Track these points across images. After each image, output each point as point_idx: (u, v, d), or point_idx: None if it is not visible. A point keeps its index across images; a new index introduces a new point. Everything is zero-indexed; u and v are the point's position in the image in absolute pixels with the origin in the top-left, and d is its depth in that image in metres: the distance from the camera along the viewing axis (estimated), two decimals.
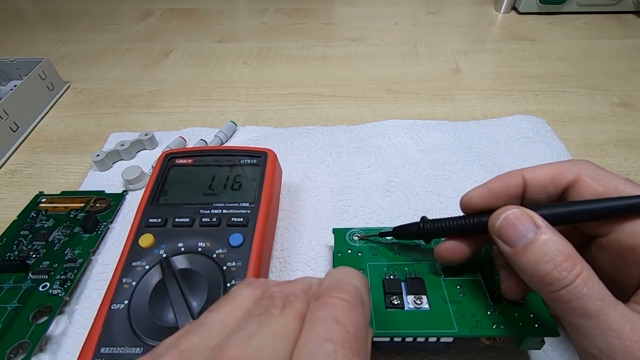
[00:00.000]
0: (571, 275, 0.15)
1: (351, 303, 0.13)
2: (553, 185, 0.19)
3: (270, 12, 0.66)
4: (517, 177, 0.20)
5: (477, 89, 0.46)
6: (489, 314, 0.20)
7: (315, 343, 0.11)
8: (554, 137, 0.37)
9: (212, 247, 0.23)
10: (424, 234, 0.22)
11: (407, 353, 0.23)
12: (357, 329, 0.12)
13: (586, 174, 0.19)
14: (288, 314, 0.13)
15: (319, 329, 0.12)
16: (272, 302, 0.13)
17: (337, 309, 0.12)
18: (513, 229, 0.17)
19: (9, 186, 0.35)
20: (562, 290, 0.15)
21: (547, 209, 0.18)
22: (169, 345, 0.12)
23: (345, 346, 0.11)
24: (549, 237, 0.16)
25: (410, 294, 0.21)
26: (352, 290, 0.13)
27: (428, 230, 0.22)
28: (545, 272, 0.15)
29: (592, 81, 0.46)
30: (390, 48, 0.55)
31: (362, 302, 0.13)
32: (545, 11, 0.62)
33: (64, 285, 0.25)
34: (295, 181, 0.34)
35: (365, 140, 0.37)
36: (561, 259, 0.15)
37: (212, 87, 0.47)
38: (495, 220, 0.18)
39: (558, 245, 0.16)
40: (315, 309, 0.13)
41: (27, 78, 0.41)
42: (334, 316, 0.12)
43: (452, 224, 0.21)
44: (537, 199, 0.20)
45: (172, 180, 0.27)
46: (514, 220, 0.17)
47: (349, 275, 0.15)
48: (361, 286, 0.14)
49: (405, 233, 0.23)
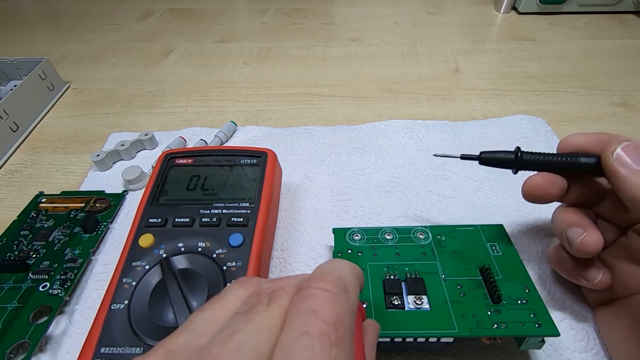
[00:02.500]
0: None
1: (331, 292, 0.12)
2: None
3: (270, 12, 0.66)
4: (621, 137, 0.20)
5: (477, 89, 0.46)
6: (489, 314, 0.20)
7: (293, 337, 0.11)
8: (554, 137, 0.37)
9: (212, 247, 0.23)
10: (520, 163, 0.21)
11: (408, 353, 0.23)
12: (336, 319, 0.12)
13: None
14: (273, 309, 0.13)
15: (297, 323, 0.12)
16: (258, 299, 0.13)
17: (316, 300, 0.12)
18: (635, 152, 0.18)
19: (9, 186, 0.35)
20: None
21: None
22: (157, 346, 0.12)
23: (323, 338, 0.11)
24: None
25: (411, 294, 0.21)
26: (334, 279, 0.13)
27: (525, 160, 0.21)
28: None
29: (592, 81, 0.46)
30: (390, 48, 0.55)
31: (344, 289, 0.13)
32: (545, 11, 0.62)
33: (64, 285, 0.25)
34: (295, 181, 0.34)
35: (365, 140, 0.37)
36: None
37: (212, 87, 0.47)
38: (616, 145, 0.19)
39: None
40: (296, 302, 0.13)
41: (27, 78, 0.41)
42: (312, 308, 0.12)
43: (553, 158, 0.21)
44: None
45: (172, 180, 0.27)
46: (636, 146, 0.18)
47: (333, 265, 0.14)
48: (347, 274, 0.14)
49: (495, 159, 0.22)
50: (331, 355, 0.11)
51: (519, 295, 0.21)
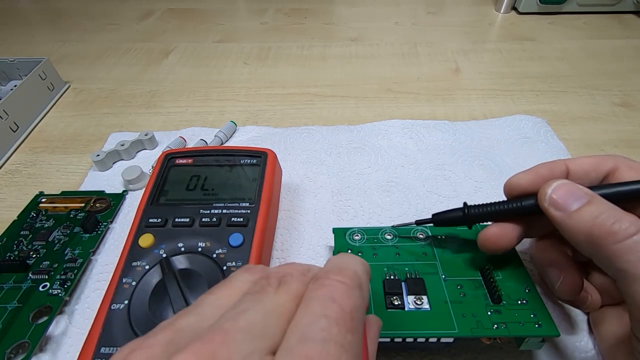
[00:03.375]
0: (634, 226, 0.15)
1: (348, 285, 0.13)
2: (595, 172, 0.20)
3: (270, 12, 0.66)
4: (561, 165, 0.21)
5: (477, 89, 0.46)
6: (489, 314, 0.20)
7: (310, 319, 0.12)
8: (554, 137, 0.37)
9: (212, 247, 0.23)
10: (468, 219, 0.21)
11: (408, 353, 0.23)
12: (353, 309, 0.12)
13: (623, 164, 0.20)
14: (283, 293, 0.13)
15: (315, 306, 0.12)
16: (267, 281, 0.13)
17: (335, 290, 0.13)
18: (566, 193, 0.18)
19: (9, 186, 0.34)
20: (629, 240, 0.15)
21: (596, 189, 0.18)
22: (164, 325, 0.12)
23: (340, 323, 0.11)
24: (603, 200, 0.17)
25: (411, 294, 0.21)
26: (351, 274, 0.13)
27: (472, 215, 0.21)
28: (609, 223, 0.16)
29: (592, 81, 0.46)
30: (390, 48, 0.55)
31: (360, 285, 0.13)
32: (545, 11, 0.62)
33: (64, 285, 0.25)
34: (295, 181, 0.34)
35: (365, 140, 0.37)
36: (621, 214, 0.16)
37: (212, 87, 0.47)
38: (547, 189, 0.19)
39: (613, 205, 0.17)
40: (313, 289, 0.13)
41: (27, 78, 0.41)
42: (330, 296, 0.12)
43: (498, 207, 0.21)
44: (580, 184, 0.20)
45: (172, 180, 0.27)
46: (567, 186, 0.18)
47: (349, 261, 0.15)
48: (361, 271, 0.14)
49: (446, 219, 0.23)
50: (346, 339, 0.11)
51: (519, 296, 0.21)
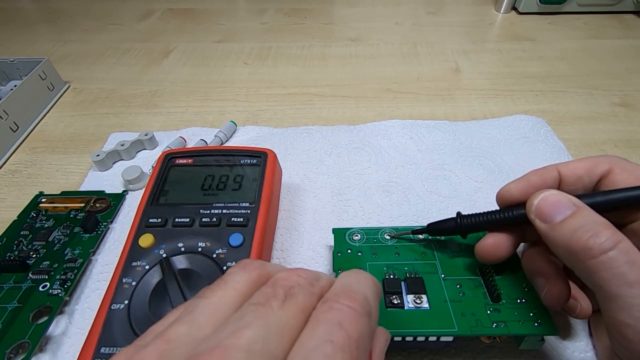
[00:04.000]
0: (610, 241, 0.15)
1: (358, 312, 0.13)
2: (588, 176, 0.20)
3: (270, 12, 0.66)
4: (553, 171, 0.20)
5: (477, 89, 0.46)
6: (488, 313, 0.20)
7: (316, 342, 0.11)
8: (554, 137, 0.37)
9: (212, 247, 0.23)
10: (462, 229, 0.22)
11: (407, 353, 0.23)
12: (359, 337, 0.12)
13: (617, 166, 0.19)
14: (288, 309, 0.12)
15: (321, 330, 0.12)
16: (274, 291, 0.13)
17: (343, 315, 0.12)
18: (551, 205, 0.17)
19: (9, 186, 0.35)
20: (603, 255, 0.15)
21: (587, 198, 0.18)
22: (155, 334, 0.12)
23: (345, 350, 0.11)
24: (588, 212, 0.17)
25: (410, 293, 0.21)
26: (361, 299, 0.13)
27: (465, 225, 0.21)
28: (585, 238, 0.16)
29: (592, 81, 0.46)
30: (390, 48, 0.55)
31: (369, 313, 0.13)
32: (545, 11, 0.62)
33: (64, 285, 0.25)
34: (295, 181, 0.34)
35: (365, 140, 0.37)
36: (602, 227, 0.16)
37: (212, 87, 0.47)
38: (534, 200, 0.18)
39: (597, 218, 0.16)
40: (321, 311, 0.13)
41: (27, 78, 0.41)
42: (338, 320, 0.12)
43: (490, 217, 0.21)
44: (572, 191, 0.20)
45: (172, 180, 0.27)
46: (552, 198, 0.18)
47: (361, 283, 0.14)
48: (372, 296, 0.14)
49: (441, 229, 0.23)
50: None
51: (518, 295, 0.21)
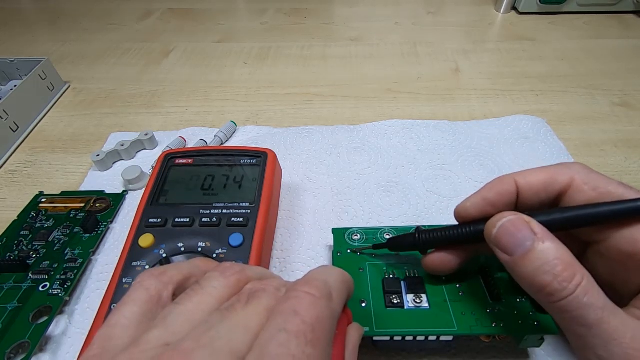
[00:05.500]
0: (571, 286, 0.15)
1: (315, 296, 0.13)
2: (546, 192, 0.19)
3: (270, 12, 0.66)
4: (510, 184, 0.19)
5: (477, 89, 0.46)
6: (488, 313, 0.20)
7: (271, 333, 0.12)
8: (554, 137, 0.37)
9: (212, 247, 0.23)
10: (419, 245, 0.21)
11: (407, 352, 0.23)
12: (315, 321, 0.12)
13: (579, 179, 0.18)
14: (251, 308, 0.13)
15: (277, 320, 0.12)
16: (238, 297, 0.13)
17: (299, 302, 0.13)
18: (510, 237, 0.17)
19: (9, 186, 0.35)
20: (563, 301, 0.15)
21: (543, 216, 0.17)
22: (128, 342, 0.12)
23: (299, 336, 0.12)
24: (548, 245, 0.16)
25: (410, 292, 0.21)
26: (319, 284, 0.13)
27: (423, 240, 0.21)
28: (545, 282, 0.15)
29: (592, 81, 0.46)
30: (390, 48, 0.55)
31: (328, 295, 0.13)
32: (545, 11, 0.62)
33: (64, 285, 0.25)
34: (295, 181, 0.34)
35: (365, 140, 0.37)
36: (561, 268, 0.15)
37: (212, 87, 0.47)
38: (492, 229, 0.17)
39: (557, 253, 0.15)
40: (280, 303, 0.13)
41: (27, 78, 0.41)
42: (293, 309, 0.12)
43: (448, 233, 0.20)
44: (530, 205, 0.19)
45: (172, 180, 0.27)
46: (511, 227, 0.17)
47: (322, 272, 0.15)
48: (333, 281, 0.14)
49: (400, 245, 0.23)
50: (305, 352, 0.11)
51: (518, 294, 0.21)
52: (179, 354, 0.11)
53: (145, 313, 0.13)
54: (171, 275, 0.15)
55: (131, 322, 0.13)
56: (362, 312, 0.21)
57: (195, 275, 0.16)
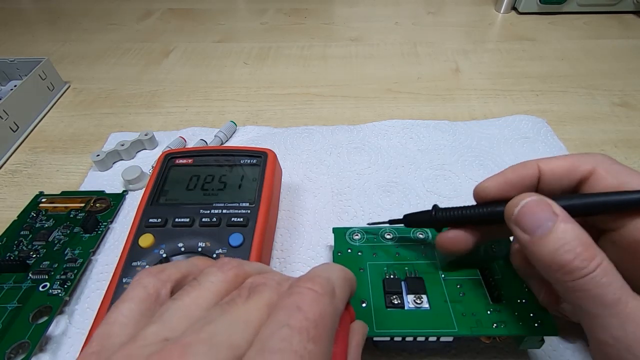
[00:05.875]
0: (592, 264, 0.15)
1: (318, 293, 0.13)
2: (568, 178, 0.19)
3: (270, 12, 0.66)
4: (532, 168, 0.19)
5: (477, 89, 0.46)
6: (488, 313, 0.20)
7: (273, 328, 0.12)
8: (554, 137, 0.37)
9: (212, 247, 0.23)
10: (436, 222, 0.22)
11: (408, 353, 0.23)
12: (318, 317, 0.12)
13: (601, 167, 0.18)
14: (252, 302, 0.13)
15: (280, 315, 0.12)
16: (239, 292, 0.13)
17: (302, 298, 0.13)
18: (531, 216, 0.17)
19: (9, 186, 0.35)
20: (582, 279, 0.15)
21: (565, 200, 0.18)
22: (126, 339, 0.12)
23: (302, 332, 0.11)
24: (568, 226, 0.16)
25: (411, 293, 0.21)
26: (322, 281, 0.13)
27: (440, 218, 0.21)
28: (566, 260, 0.15)
29: (592, 81, 0.46)
30: (390, 48, 0.55)
31: (331, 292, 0.13)
32: (545, 11, 0.62)
33: (64, 285, 0.25)
34: (295, 181, 0.34)
35: (365, 140, 0.37)
36: (581, 248, 0.15)
37: (212, 87, 0.47)
38: (514, 207, 0.18)
39: (577, 234, 0.16)
40: (282, 298, 0.13)
41: (27, 78, 0.41)
42: (296, 304, 0.12)
43: (465, 212, 0.20)
44: (551, 190, 0.19)
45: (172, 180, 0.27)
46: (533, 207, 0.17)
47: (326, 269, 0.15)
48: (336, 278, 0.14)
49: (416, 221, 0.23)
50: (307, 348, 0.11)
51: (519, 295, 0.21)
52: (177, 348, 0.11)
53: (144, 311, 0.13)
54: (169, 273, 0.15)
55: (129, 319, 0.13)
56: (362, 312, 0.21)
57: (194, 273, 0.16)
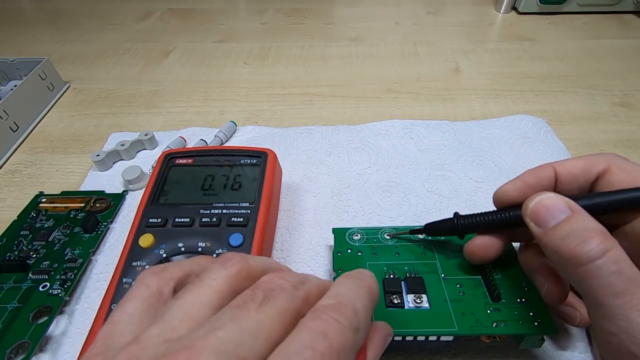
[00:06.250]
0: (599, 249, 0.15)
1: (344, 326, 0.13)
2: (584, 176, 0.20)
3: (270, 12, 0.66)
4: (549, 170, 0.20)
5: (477, 89, 0.46)
6: (488, 313, 0.20)
7: (297, 347, 0.11)
8: (554, 137, 0.37)
9: (212, 247, 0.23)
10: (459, 230, 0.22)
11: (408, 353, 0.23)
12: (342, 349, 0.12)
13: (615, 165, 0.19)
14: (266, 311, 0.12)
15: (304, 336, 0.12)
16: (253, 294, 0.13)
17: (329, 326, 0.12)
18: (546, 209, 0.17)
19: (9, 186, 0.35)
20: (591, 264, 0.15)
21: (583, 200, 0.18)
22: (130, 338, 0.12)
23: (325, 358, 0.11)
24: (582, 217, 0.16)
25: (410, 293, 0.21)
26: (350, 315, 0.13)
27: (462, 225, 0.22)
28: (574, 245, 0.16)
29: (592, 81, 0.46)
30: (390, 48, 0.55)
31: (357, 328, 0.13)
32: (545, 11, 0.62)
33: (64, 285, 0.25)
34: (295, 181, 0.34)
35: (365, 140, 0.37)
36: (592, 234, 0.16)
37: (212, 87, 0.47)
38: (529, 203, 0.18)
39: (589, 223, 0.16)
40: (308, 319, 0.13)
41: (27, 78, 0.41)
42: (323, 330, 0.12)
43: (487, 218, 0.21)
44: (568, 190, 0.20)
45: (172, 180, 0.27)
46: (549, 201, 0.18)
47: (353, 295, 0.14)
48: (362, 309, 0.14)
49: (438, 229, 0.23)
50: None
51: (518, 294, 0.21)
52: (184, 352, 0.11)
53: (147, 309, 0.13)
54: (172, 271, 0.15)
55: (133, 318, 0.13)
56: None
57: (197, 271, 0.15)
